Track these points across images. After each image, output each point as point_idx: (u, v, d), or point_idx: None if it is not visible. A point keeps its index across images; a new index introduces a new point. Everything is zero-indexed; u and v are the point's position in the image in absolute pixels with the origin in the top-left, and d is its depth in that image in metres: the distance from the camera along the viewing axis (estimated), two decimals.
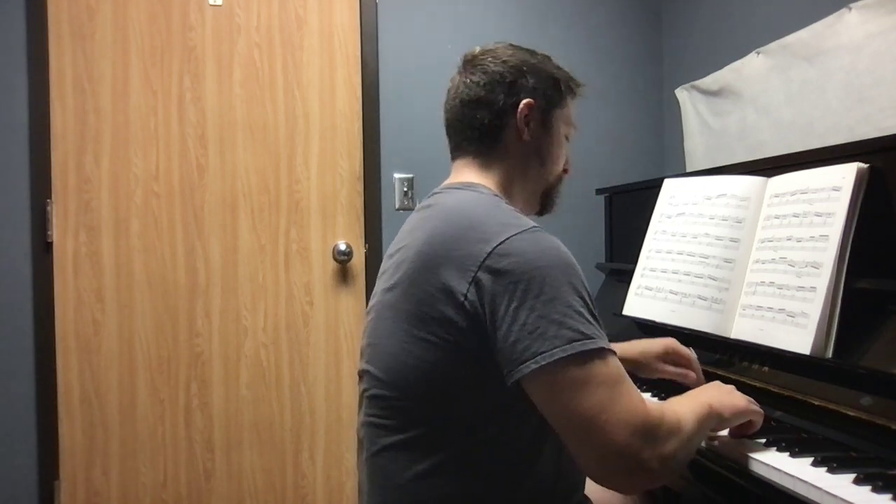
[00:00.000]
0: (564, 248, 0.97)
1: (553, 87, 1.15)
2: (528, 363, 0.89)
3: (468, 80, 1.13)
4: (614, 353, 0.93)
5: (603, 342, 0.91)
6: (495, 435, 0.99)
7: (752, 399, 1.11)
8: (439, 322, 0.95)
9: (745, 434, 1.10)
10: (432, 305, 0.96)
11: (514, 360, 0.90)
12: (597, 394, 0.88)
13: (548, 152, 1.16)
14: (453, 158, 1.18)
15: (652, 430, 0.89)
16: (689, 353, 1.34)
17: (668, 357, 1.34)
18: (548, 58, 1.18)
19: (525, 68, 1.13)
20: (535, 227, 0.98)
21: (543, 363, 0.88)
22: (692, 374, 1.33)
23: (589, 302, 0.94)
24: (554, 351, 0.88)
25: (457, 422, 0.99)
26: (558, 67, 1.17)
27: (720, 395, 1.07)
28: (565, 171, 1.21)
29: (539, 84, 1.13)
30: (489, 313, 0.92)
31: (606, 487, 0.94)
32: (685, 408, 0.99)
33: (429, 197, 1.15)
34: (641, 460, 0.87)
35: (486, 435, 0.99)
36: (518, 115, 1.11)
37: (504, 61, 1.12)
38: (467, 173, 1.14)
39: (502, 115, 1.11)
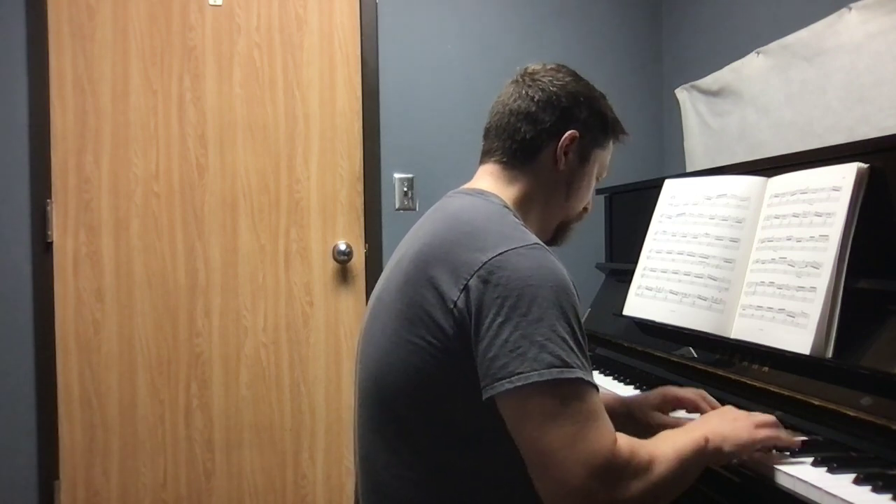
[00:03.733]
0: (563, 270, 0.94)
1: (601, 127, 1.14)
2: (503, 381, 0.87)
3: (523, 92, 1.11)
4: (594, 386, 0.90)
5: (583, 373, 0.88)
6: (479, 443, 0.97)
7: (770, 420, 1.04)
8: (428, 325, 0.94)
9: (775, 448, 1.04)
10: (422, 307, 0.95)
11: (490, 376, 0.88)
12: (564, 427, 0.85)
13: (577, 187, 1.15)
14: (481, 161, 1.16)
15: (613, 473, 0.86)
16: (693, 396, 1.24)
17: (667, 407, 1.26)
18: (604, 96, 1.16)
19: (582, 99, 1.11)
20: (536, 243, 0.96)
21: (519, 384, 0.86)
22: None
23: (577, 330, 0.91)
24: (531, 374, 0.86)
25: (440, 427, 0.97)
26: (611, 108, 1.16)
27: (722, 427, 1.00)
28: (585, 209, 1.20)
29: (590, 119, 1.12)
30: (474, 323, 0.91)
31: None
32: (669, 446, 0.93)
33: (441, 199, 1.13)
34: (596, 503, 0.85)
35: (469, 443, 0.97)
36: (560, 142, 1.10)
37: (563, 85, 1.11)
38: (488, 180, 1.12)
39: (545, 136, 1.10)
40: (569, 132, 1.10)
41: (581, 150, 1.12)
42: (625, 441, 0.90)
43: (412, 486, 0.98)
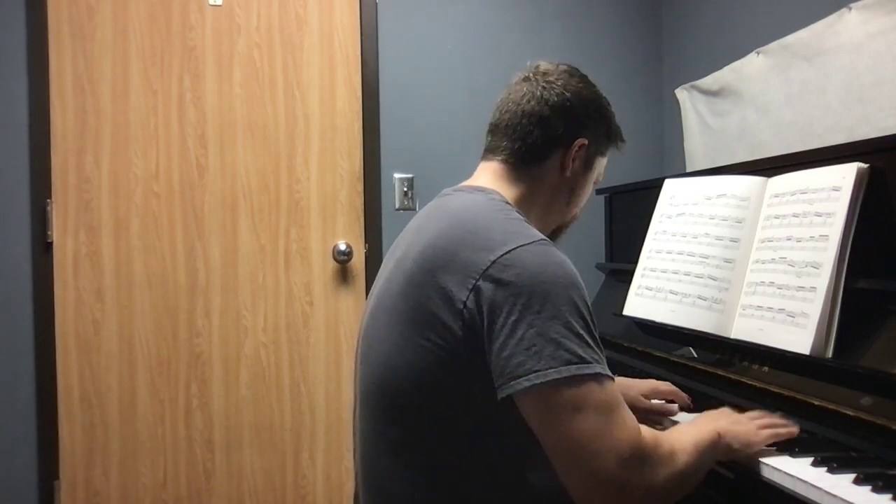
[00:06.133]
0: (570, 264, 0.95)
1: (605, 135, 1.16)
2: (520, 380, 0.87)
3: (536, 94, 1.11)
4: (611, 378, 0.91)
5: (599, 367, 0.89)
6: (485, 446, 0.97)
7: (768, 421, 1.08)
8: (435, 327, 0.93)
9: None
10: (429, 309, 0.94)
11: (506, 375, 0.88)
12: (588, 420, 0.86)
13: (579, 193, 1.17)
14: (484, 158, 1.16)
15: (642, 460, 0.87)
16: (668, 388, 1.35)
17: (653, 397, 1.36)
18: (609, 102, 1.18)
19: (593, 108, 1.13)
20: (542, 239, 0.96)
21: (536, 382, 0.86)
22: (674, 407, 1.33)
23: (590, 323, 0.92)
24: (548, 371, 0.86)
25: (446, 429, 0.97)
26: (614, 115, 1.18)
27: (731, 425, 1.04)
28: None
29: (597, 127, 1.14)
30: (487, 323, 0.90)
31: None
32: (686, 438, 0.96)
33: (439, 197, 1.13)
34: (629, 490, 0.86)
35: (475, 445, 0.97)
36: (570, 150, 1.11)
37: (577, 92, 1.12)
38: (489, 177, 1.12)
39: (555, 141, 1.11)
40: (579, 140, 1.11)
41: (587, 158, 1.14)
42: (647, 430, 0.91)
43: (413, 486, 0.98)
